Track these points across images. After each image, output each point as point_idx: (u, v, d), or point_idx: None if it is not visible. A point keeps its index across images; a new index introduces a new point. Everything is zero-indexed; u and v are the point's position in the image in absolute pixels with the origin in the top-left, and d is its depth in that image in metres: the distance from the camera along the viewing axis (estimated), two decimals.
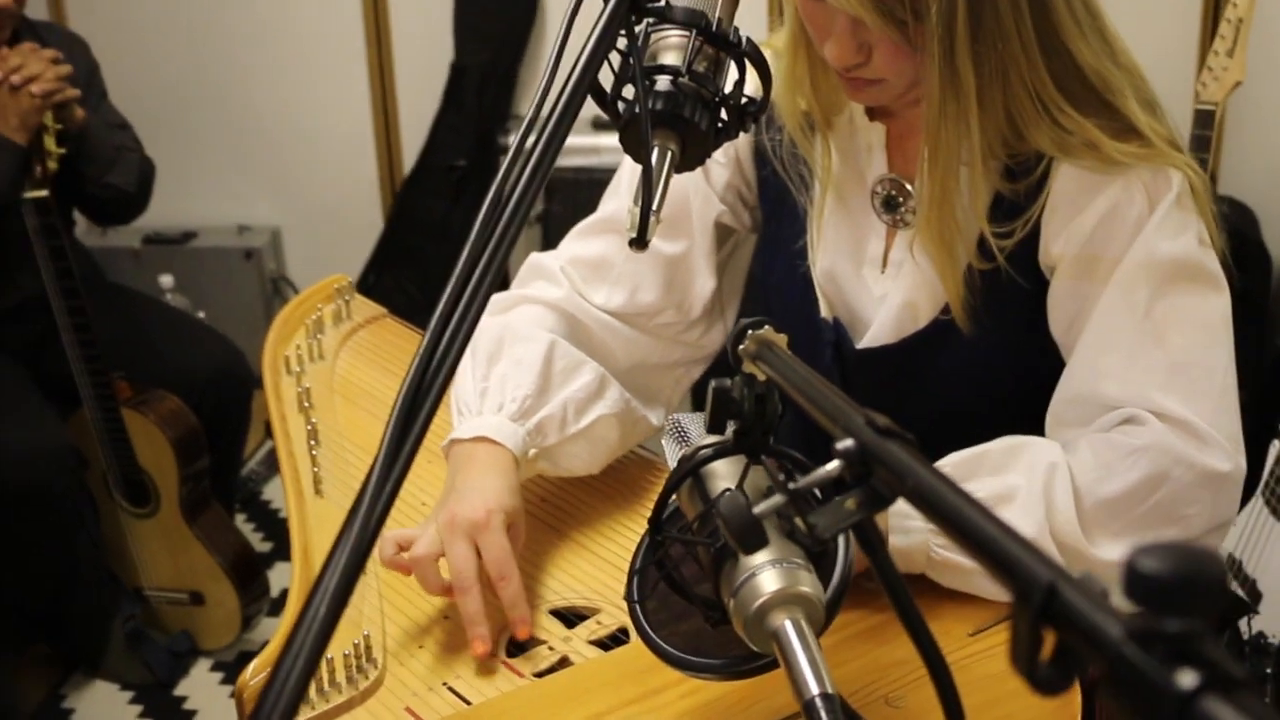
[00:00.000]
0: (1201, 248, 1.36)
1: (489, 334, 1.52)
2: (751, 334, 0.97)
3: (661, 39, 1.11)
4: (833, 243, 1.52)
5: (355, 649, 1.31)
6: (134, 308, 3.09)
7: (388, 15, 3.70)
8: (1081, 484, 1.29)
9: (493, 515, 1.33)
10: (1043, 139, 1.33)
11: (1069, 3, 1.30)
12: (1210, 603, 0.44)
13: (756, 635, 0.91)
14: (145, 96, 3.69)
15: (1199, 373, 1.33)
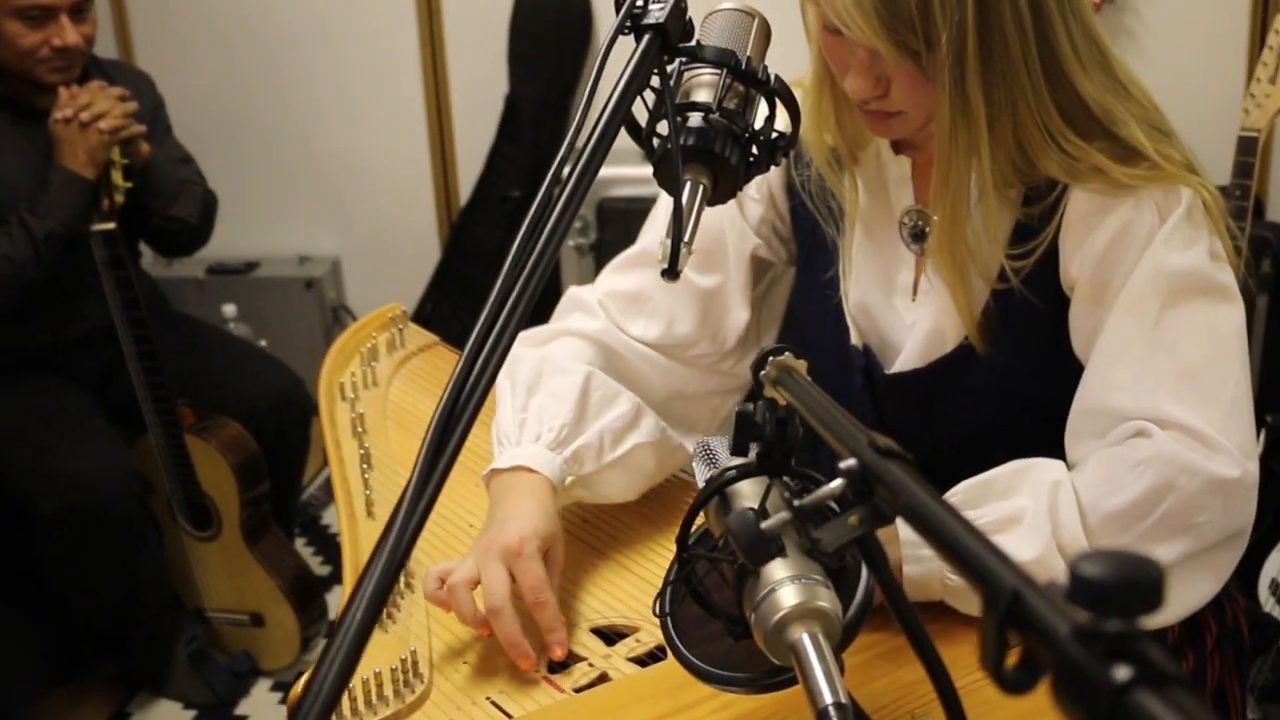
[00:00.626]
0: (1213, 261, 1.38)
1: (528, 366, 1.57)
2: (773, 360, 1.01)
3: (694, 77, 1.16)
4: (864, 273, 1.57)
5: (402, 664, 1.36)
6: (198, 336, 3.17)
7: (444, 49, 3.78)
8: (1087, 500, 1.32)
9: (527, 542, 1.38)
10: (1051, 165, 1.37)
11: (1071, 38, 1.34)
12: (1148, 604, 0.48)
13: (776, 648, 0.95)
14: (209, 131, 3.79)
15: (1208, 382, 1.35)
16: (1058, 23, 1.33)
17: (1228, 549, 1.37)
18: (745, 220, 1.63)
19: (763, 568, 0.96)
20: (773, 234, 1.65)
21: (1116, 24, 3.40)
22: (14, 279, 2.66)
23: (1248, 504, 1.35)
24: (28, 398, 2.84)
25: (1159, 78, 3.41)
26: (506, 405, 1.56)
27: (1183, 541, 1.32)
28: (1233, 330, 1.38)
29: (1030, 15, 1.31)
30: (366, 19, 3.80)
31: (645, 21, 1.12)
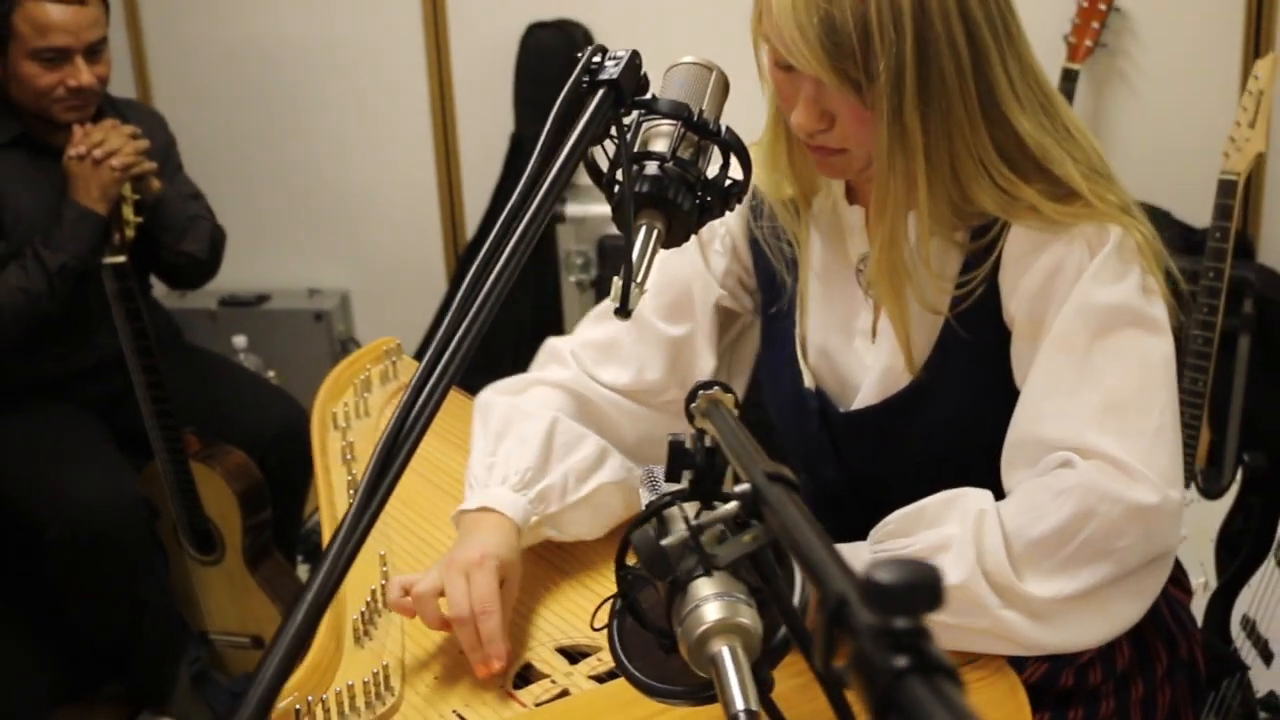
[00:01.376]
0: (1143, 294, 1.44)
1: (499, 414, 1.66)
2: (703, 394, 1.09)
3: (653, 127, 1.24)
4: (823, 319, 1.63)
5: (374, 677, 1.44)
6: (207, 367, 3.26)
7: (452, 90, 3.87)
8: (1012, 528, 1.38)
9: (486, 559, 1.47)
10: (986, 199, 1.43)
11: (1009, 77, 1.41)
12: (928, 604, 0.55)
13: (698, 660, 1.02)
14: (223, 167, 3.89)
15: (1133, 413, 1.40)
16: (995, 60, 1.39)
17: (1151, 572, 1.42)
18: (710, 272, 1.70)
19: (690, 585, 1.03)
20: (738, 285, 1.72)
21: (1109, 68, 3.48)
22: (28, 310, 2.76)
23: (1169, 528, 1.41)
24: (39, 424, 2.93)
25: (1152, 122, 3.50)
26: (478, 450, 1.65)
27: (1105, 566, 1.38)
28: (1160, 362, 1.44)
29: (968, 51, 1.37)
30: (377, 58, 3.90)
31: (600, 77, 1.20)
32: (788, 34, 1.37)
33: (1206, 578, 2.71)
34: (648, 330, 1.70)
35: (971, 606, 1.38)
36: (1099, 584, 1.38)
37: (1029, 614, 1.38)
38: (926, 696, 0.51)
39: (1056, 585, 1.37)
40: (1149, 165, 3.51)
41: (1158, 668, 1.65)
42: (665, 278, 1.69)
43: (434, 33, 3.82)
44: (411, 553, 1.72)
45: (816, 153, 1.48)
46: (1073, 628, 1.40)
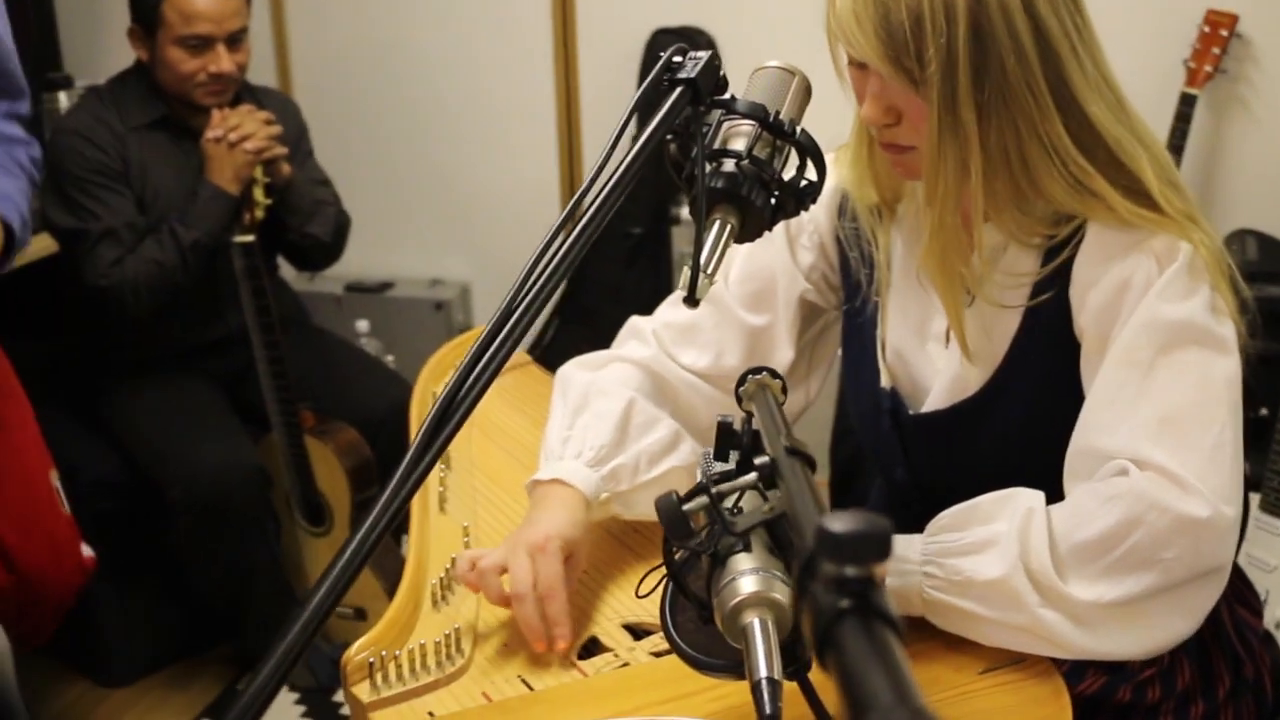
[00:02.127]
0: (1211, 313, 1.44)
1: (578, 388, 1.72)
2: (752, 378, 1.15)
3: (733, 127, 1.29)
4: (901, 320, 1.66)
5: (446, 639, 1.52)
6: (328, 347, 3.38)
7: (578, 90, 3.95)
8: (1060, 529, 1.40)
9: (550, 540, 1.53)
10: (1056, 188, 1.44)
11: (1082, 67, 1.42)
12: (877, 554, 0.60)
13: (732, 630, 1.07)
14: (354, 158, 4.02)
15: (1191, 427, 1.41)
16: (1064, 49, 1.41)
17: (1200, 588, 1.41)
18: (796, 266, 1.73)
19: (729, 559, 1.09)
20: (823, 280, 1.75)
21: (1229, 94, 3.44)
22: (161, 282, 2.90)
23: (1220, 545, 1.40)
24: (166, 393, 3.08)
25: (1271, 149, 3.46)
26: (555, 423, 1.71)
27: (1150, 576, 1.38)
28: (1223, 380, 1.44)
29: (1033, 43, 1.39)
30: (507, 60, 3.99)
31: (679, 76, 1.26)
32: (847, 25, 1.41)
33: None
34: (729, 317, 1.74)
35: (1011, 602, 1.39)
36: (1143, 593, 1.38)
37: (1070, 616, 1.38)
38: (860, 636, 0.56)
39: (1099, 590, 1.38)
40: (1266, 193, 3.48)
41: (1220, 689, 1.64)
42: (751, 267, 1.74)
43: (562, 36, 3.91)
44: (495, 527, 1.79)
45: (889, 150, 1.51)
46: (1114, 636, 1.40)
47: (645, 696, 1.42)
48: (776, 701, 0.98)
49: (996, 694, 1.41)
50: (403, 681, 1.48)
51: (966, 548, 1.43)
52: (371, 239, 3.89)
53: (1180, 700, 1.61)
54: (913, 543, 1.48)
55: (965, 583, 1.42)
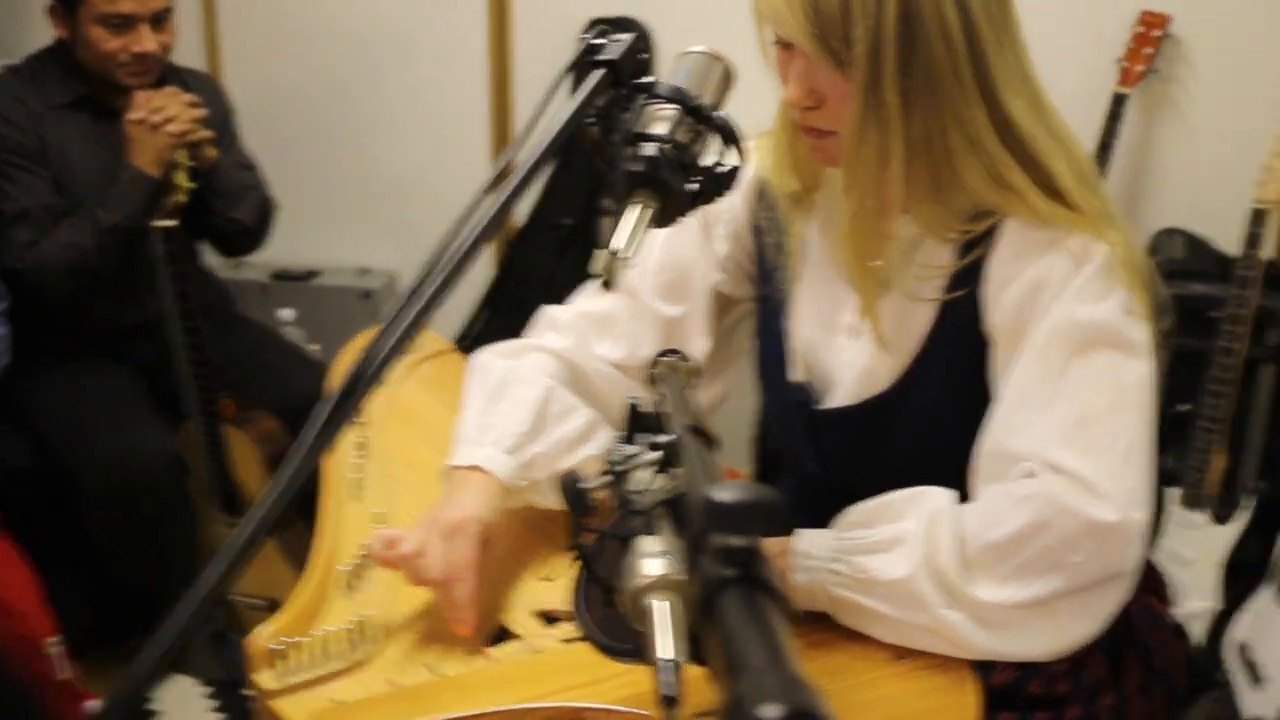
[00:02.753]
0: (1125, 316, 1.44)
1: (495, 375, 1.70)
2: (662, 360, 1.13)
3: (656, 111, 1.28)
4: (810, 312, 1.65)
5: (355, 625, 1.50)
6: (251, 335, 3.33)
7: (511, 78, 3.92)
8: (969, 530, 1.40)
9: (469, 523, 1.51)
10: (976, 179, 1.43)
11: (1004, 57, 1.42)
12: (764, 525, 0.59)
13: (635, 612, 1.06)
14: (283, 144, 3.97)
15: (1102, 430, 1.41)
16: (990, 42, 1.40)
17: (1107, 592, 1.41)
18: (712, 257, 1.72)
19: (636, 542, 1.07)
20: (738, 270, 1.74)
21: (1160, 94, 3.47)
22: (77, 265, 2.85)
23: (1127, 549, 1.40)
24: (83, 378, 3.02)
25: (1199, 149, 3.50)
26: (471, 409, 1.69)
27: (1057, 578, 1.38)
28: (1136, 383, 1.44)
29: (961, 33, 1.38)
30: (440, 46, 3.95)
31: (600, 58, 1.25)
32: (776, 2, 1.40)
33: (1211, 602, 2.72)
34: (644, 308, 1.73)
35: (914, 602, 1.40)
36: (1049, 596, 1.38)
37: (974, 617, 1.39)
38: (742, 605, 0.55)
39: (1006, 591, 1.38)
40: (1193, 192, 3.51)
41: (1130, 681, 1.65)
42: (666, 258, 1.72)
43: (498, 23, 3.88)
44: (412, 514, 1.75)
45: (809, 134, 1.50)
46: (1018, 637, 1.40)
47: (554, 682, 1.41)
48: (677, 683, 0.96)
49: (905, 681, 1.41)
50: (307, 669, 1.46)
51: (873, 545, 1.43)
52: (298, 226, 3.84)
53: (1090, 692, 1.62)
54: (819, 539, 1.47)
55: (870, 581, 1.42)
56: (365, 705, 1.41)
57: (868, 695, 1.39)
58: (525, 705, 1.38)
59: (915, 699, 1.39)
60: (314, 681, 1.45)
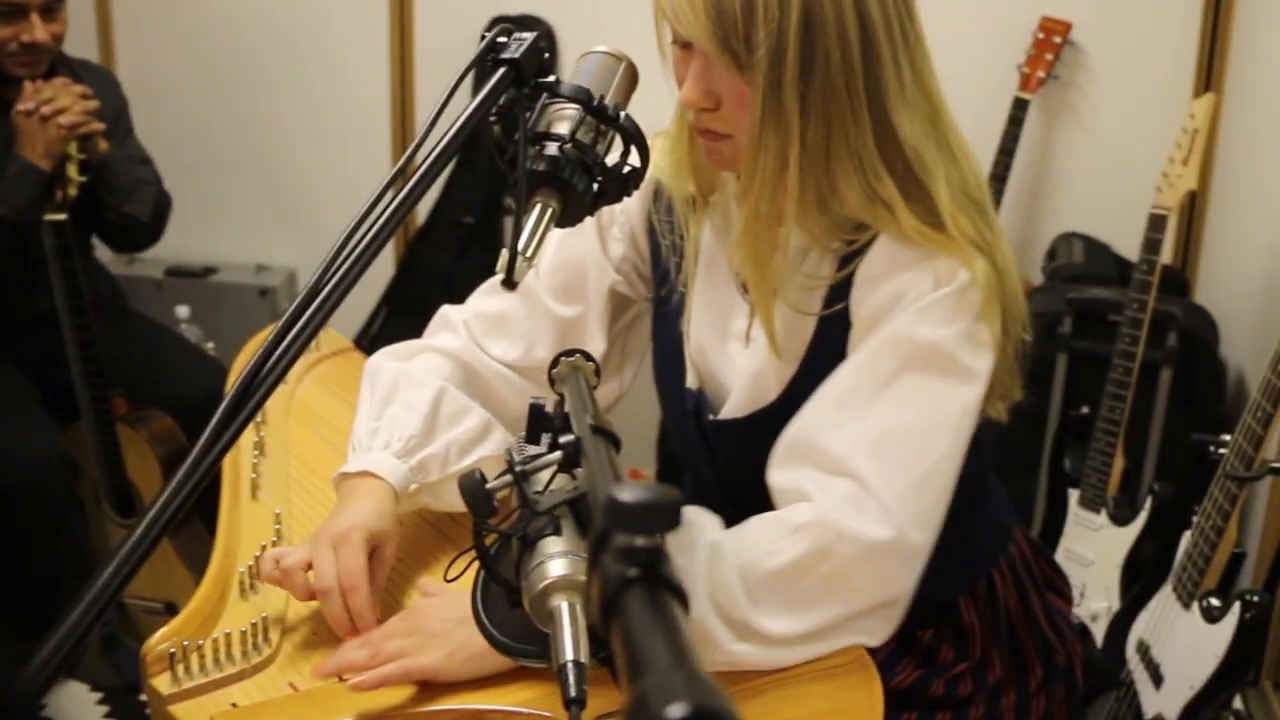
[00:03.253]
0: (965, 343, 1.43)
1: (387, 378, 1.67)
2: (564, 360, 1.12)
3: (557, 110, 1.27)
4: (704, 317, 1.64)
5: (252, 628, 1.46)
6: (145, 333, 3.27)
7: (413, 74, 3.89)
8: (746, 560, 1.37)
9: (354, 532, 1.48)
10: (850, 193, 1.43)
11: (900, 80, 1.41)
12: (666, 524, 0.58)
13: (540, 614, 1.04)
14: (180, 137, 3.90)
15: (909, 449, 1.40)
16: (886, 57, 1.39)
17: (881, 617, 1.42)
18: (607, 257, 1.70)
19: (539, 542, 1.06)
20: (634, 271, 1.73)
21: (1060, 99, 3.53)
22: None
23: (902, 570, 1.40)
24: None
25: (1098, 155, 3.56)
26: (363, 413, 1.65)
27: (837, 605, 1.38)
28: (958, 411, 1.43)
29: (858, 42, 1.37)
30: (341, 40, 3.92)
31: (503, 56, 1.24)
32: (678, 2, 1.38)
33: (1110, 602, 2.76)
34: (539, 308, 1.71)
35: (705, 642, 1.36)
36: (830, 622, 1.39)
37: (762, 646, 1.38)
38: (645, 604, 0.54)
39: (787, 623, 1.38)
40: (1093, 198, 3.57)
41: (1031, 679, 1.67)
42: (561, 259, 1.70)
43: (399, 19, 3.85)
44: (310, 514, 1.74)
45: (705, 138, 1.48)
46: (801, 654, 1.41)
47: (457, 684, 1.38)
48: (582, 685, 0.95)
49: (811, 680, 1.41)
50: (205, 673, 1.43)
51: None
52: (195, 222, 3.78)
53: (993, 692, 1.63)
54: None
55: None
56: (265, 709, 1.38)
57: (772, 695, 1.38)
58: (427, 708, 1.36)
59: (818, 699, 1.39)
60: (212, 685, 1.42)
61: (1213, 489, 2.22)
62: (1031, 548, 1.76)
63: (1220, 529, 2.21)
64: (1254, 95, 3.25)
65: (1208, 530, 2.23)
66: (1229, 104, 3.36)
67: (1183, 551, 2.33)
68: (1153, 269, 2.77)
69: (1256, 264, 3.11)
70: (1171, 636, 2.32)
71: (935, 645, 1.64)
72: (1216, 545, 2.22)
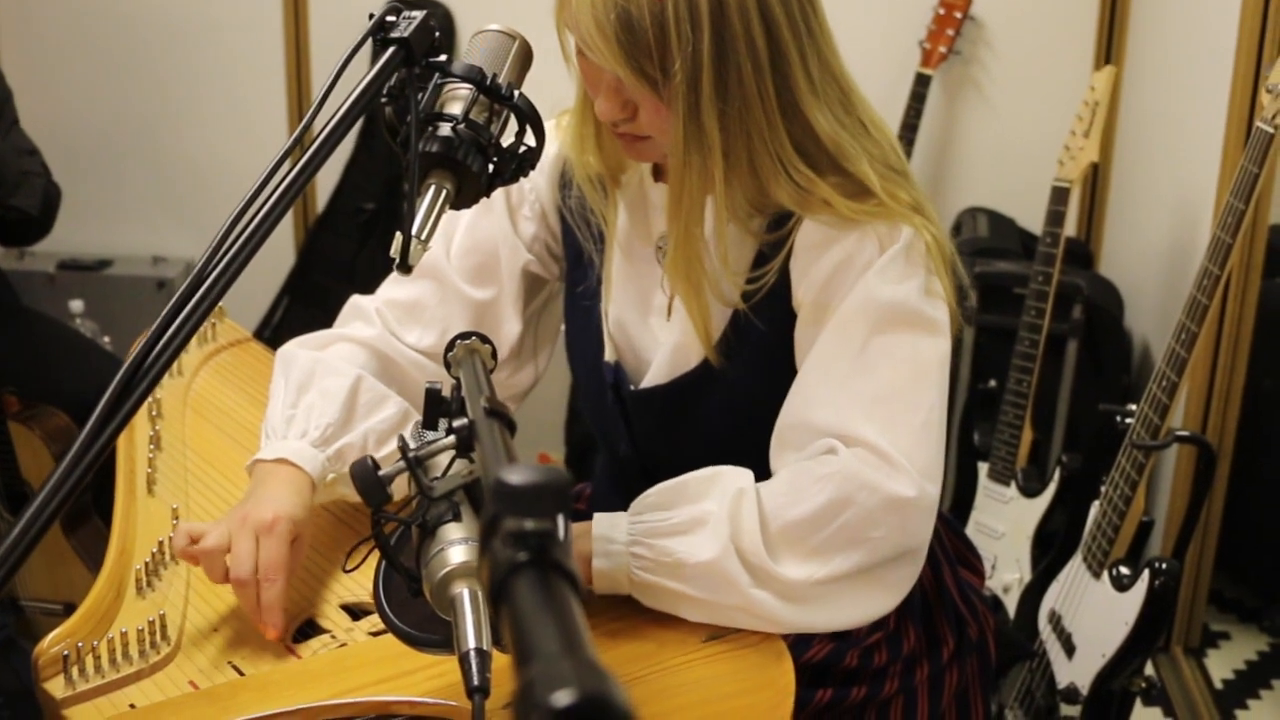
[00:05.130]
0: (925, 296, 1.46)
1: (302, 366, 1.63)
2: (460, 343, 1.09)
3: (452, 91, 1.25)
4: (622, 293, 1.64)
5: (150, 625, 1.42)
6: (37, 328, 3.17)
7: (309, 59, 3.82)
8: (770, 508, 1.40)
9: (280, 522, 1.44)
10: (783, 194, 1.45)
11: (808, 73, 1.42)
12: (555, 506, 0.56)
13: (441, 601, 1.02)
14: (70, 128, 3.81)
15: (901, 405, 1.43)
16: (794, 58, 1.40)
17: (902, 565, 1.44)
18: (518, 237, 1.69)
19: (439, 529, 1.03)
20: (545, 251, 1.72)
21: (962, 75, 3.54)
22: None
23: (922, 523, 1.44)
24: None
25: (1001, 129, 3.59)
26: (278, 401, 1.62)
27: (858, 554, 1.40)
28: (934, 362, 1.47)
29: (766, 50, 1.38)
30: (235, 25, 3.83)
31: (392, 35, 1.21)
32: (585, 28, 1.37)
33: (1021, 574, 2.77)
34: (452, 293, 1.69)
35: (723, 583, 1.39)
36: (851, 570, 1.40)
37: (780, 594, 1.40)
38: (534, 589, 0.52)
39: (809, 568, 1.40)
40: (996, 172, 3.59)
41: (944, 651, 1.68)
42: (472, 241, 1.68)
43: (294, 2, 3.78)
44: (207, 508, 1.70)
45: (622, 138, 1.49)
46: (822, 611, 1.42)
47: (361, 677, 1.36)
48: (485, 672, 0.93)
49: (719, 661, 1.40)
50: (101, 674, 1.39)
51: (676, 528, 1.42)
52: (87, 214, 3.69)
53: (906, 663, 1.64)
54: (618, 522, 1.45)
55: (676, 564, 1.41)
56: (165, 708, 1.34)
57: (679, 679, 1.37)
58: (332, 701, 1.33)
59: (728, 680, 1.38)
60: (109, 685, 1.38)
61: (1120, 459, 2.24)
62: (943, 523, 1.77)
63: (1128, 498, 2.22)
64: (1154, 67, 3.28)
65: (1116, 500, 2.24)
66: (1129, 76, 3.39)
67: (1092, 521, 2.34)
68: (1056, 241, 2.78)
69: (1159, 234, 3.14)
70: (1083, 606, 2.33)
71: None
72: (1125, 514, 2.24)
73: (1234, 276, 2.74)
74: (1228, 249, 2.04)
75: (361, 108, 1.17)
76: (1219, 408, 2.84)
